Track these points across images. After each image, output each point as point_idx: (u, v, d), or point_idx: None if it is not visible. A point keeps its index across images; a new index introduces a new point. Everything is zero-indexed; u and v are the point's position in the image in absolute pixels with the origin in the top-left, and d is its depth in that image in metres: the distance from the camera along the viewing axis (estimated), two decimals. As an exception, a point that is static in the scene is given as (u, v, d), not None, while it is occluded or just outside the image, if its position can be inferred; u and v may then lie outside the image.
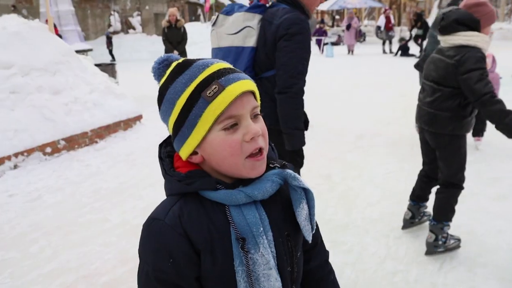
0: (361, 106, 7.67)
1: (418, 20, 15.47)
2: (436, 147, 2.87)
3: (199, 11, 26.15)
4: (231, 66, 0.89)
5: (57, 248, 3.07)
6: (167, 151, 0.94)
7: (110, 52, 18.41)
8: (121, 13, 23.49)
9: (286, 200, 0.92)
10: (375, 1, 28.71)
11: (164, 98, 0.87)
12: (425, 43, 8.69)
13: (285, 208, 0.93)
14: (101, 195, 4.00)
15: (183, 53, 8.77)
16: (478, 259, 2.83)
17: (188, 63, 0.86)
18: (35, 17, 14.41)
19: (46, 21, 6.48)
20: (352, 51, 18.01)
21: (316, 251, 1.10)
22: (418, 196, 3.20)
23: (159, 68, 0.90)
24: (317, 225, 1.09)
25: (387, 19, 17.52)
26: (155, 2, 22.63)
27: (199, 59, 0.88)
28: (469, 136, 4.69)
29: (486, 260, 2.82)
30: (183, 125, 0.84)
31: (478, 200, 3.70)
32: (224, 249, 0.84)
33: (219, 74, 0.84)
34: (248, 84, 0.86)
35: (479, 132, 5.11)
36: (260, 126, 0.87)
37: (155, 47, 18.41)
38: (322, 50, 18.29)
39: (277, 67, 2.17)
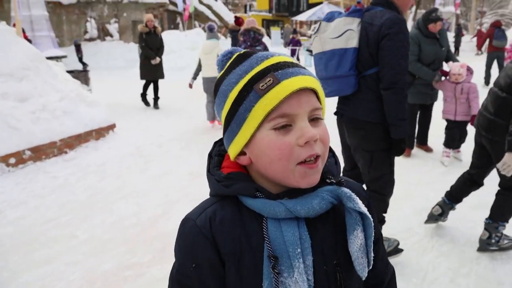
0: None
1: None
2: (492, 153, 2.90)
3: (178, 19, 25.96)
4: (294, 61, 0.79)
5: (16, 269, 2.83)
6: (219, 150, 0.88)
7: (80, 59, 17.93)
8: (97, 19, 23.09)
9: (340, 224, 0.80)
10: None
11: (219, 90, 0.80)
12: None
13: (338, 233, 0.80)
14: (68, 209, 3.77)
15: (161, 60, 8.51)
16: (460, 270, 2.77)
17: (248, 54, 0.79)
18: (6, 21, 13.97)
19: (14, 24, 6.21)
20: None
21: None
22: (455, 197, 3.26)
23: (223, 61, 0.84)
24: (389, 264, 0.96)
25: None
26: (133, 10, 22.35)
27: (261, 52, 0.80)
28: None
29: (468, 270, 2.77)
30: (232, 119, 0.76)
31: (458, 209, 3.63)
32: (254, 265, 0.76)
33: (277, 67, 0.75)
34: (309, 80, 0.75)
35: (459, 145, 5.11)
36: (319, 131, 0.76)
37: (132, 54, 18.11)
38: (298, 60, 18.13)
39: (382, 65, 2.40)
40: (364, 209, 0.76)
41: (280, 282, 0.73)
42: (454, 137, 4.93)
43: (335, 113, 2.80)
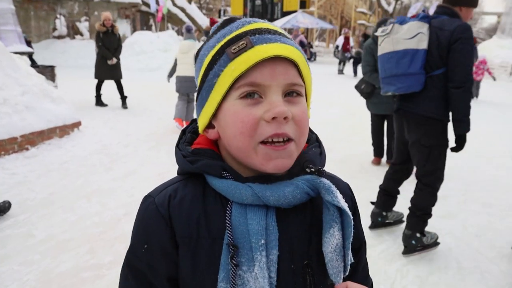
0: (312, 122, 7.64)
1: (366, 39, 15.93)
2: None
3: (151, 21, 25.62)
4: (280, 30, 0.70)
5: (-36, 268, 2.63)
6: (195, 127, 0.79)
7: (30, 57, 16.85)
8: (67, 17, 22.45)
9: (318, 220, 0.70)
10: (326, 22, 29.74)
11: (198, 56, 0.73)
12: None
13: (313, 230, 0.70)
14: (26, 207, 3.55)
15: (119, 60, 8.29)
16: (429, 278, 2.77)
17: (233, 19, 0.70)
18: (-31, 14, 13.34)
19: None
20: None
21: None
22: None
23: (213, 30, 0.75)
24: (367, 275, 0.84)
25: (346, 40, 17.40)
26: (105, 8, 21.85)
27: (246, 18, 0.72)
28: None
29: (437, 279, 2.77)
30: (203, 86, 0.69)
31: (427, 217, 3.67)
32: (211, 253, 0.66)
33: (257, 31, 0.66)
34: (289, 50, 0.65)
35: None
36: (295, 110, 0.66)
37: (103, 54, 17.65)
38: None
39: (454, 65, 2.66)
40: (344, 204, 0.67)
41: (237, 276, 0.64)
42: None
43: (396, 111, 3.01)
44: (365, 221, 3.50)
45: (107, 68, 8.03)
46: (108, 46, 8.04)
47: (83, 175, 4.35)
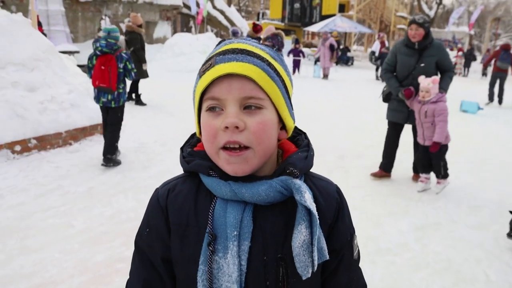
0: (344, 128, 7.62)
1: None
2: None
3: (191, 23, 26.16)
4: (256, 49, 0.77)
5: (11, 253, 2.86)
6: None
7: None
8: (112, 18, 23.30)
9: (294, 218, 0.77)
10: (365, 27, 29.28)
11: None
12: None
13: (289, 227, 0.77)
14: (67, 199, 3.79)
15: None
16: (454, 289, 2.74)
17: (222, 40, 0.83)
18: (24, 15, 14.14)
19: (30, 17, 6.30)
20: (327, 76, 15.59)
21: None
22: None
23: None
24: (360, 280, 0.90)
25: (382, 44, 16.91)
26: (147, 10, 22.55)
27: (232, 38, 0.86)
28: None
29: (462, 291, 2.72)
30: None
31: (457, 228, 3.63)
32: (196, 240, 0.78)
33: (224, 52, 0.77)
34: (246, 67, 0.74)
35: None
36: (250, 121, 0.74)
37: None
38: (299, 70, 16.72)
39: None
40: (310, 204, 0.73)
41: (214, 261, 0.75)
42: (420, 162, 4.42)
43: None
44: (393, 230, 3.50)
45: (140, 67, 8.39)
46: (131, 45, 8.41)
47: (121, 171, 4.58)
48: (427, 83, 4.06)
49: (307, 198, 0.74)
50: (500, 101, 11.60)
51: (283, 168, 0.79)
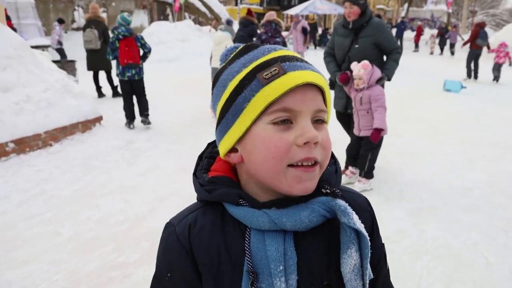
0: (331, 115, 7.56)
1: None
2: None
3: (168, 10, 25.60)
4: (300, 57, 0.72)
5: (-3, 267, 2.71)
6: (211, 152, 0.81)
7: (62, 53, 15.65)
8: (85, 9, 22.62)
9: (336, 240, 0.71)
10: (344, 7, 29.10)
11: (218, 80, 0.73)
12: None
13: (331, 250, 0.71)
14: (52, 204, 3.63)
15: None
16: (455, 275, 2.73)
17: (255, 46, 0.73)
18: (-10, 9, 13.55)
19: (-2, 12, 5.98)
20: None
21: None
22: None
23: (227, 55, 0.78)
24: (390, 285, 0.86)
25: None
26: (122, -1, 21.98)
27: (266, 45, 0.74)
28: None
29: (463, 276, 2.72)
30: (228, 110, 0.69)
31: (452, 211, 3.62)
32: (232, 280, 0.69)
33: (285, 58, 0.68)
34: (318, 77, 0.69)
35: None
36: (322, 135, 0.68)
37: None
38: None
39: None
40: (360, 226, 0.68)
41: None
42: (349, 153, 4.15)
43: None
44: (389, 216, 3.47)
45: (95, 59, 8.16)
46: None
47: (107, 171, 4.42)
48: (358, 69, 3.69)
49: (356, 220, 0.68)
50: (476, 77, 11.99)
51: (316, 186, 0.71)
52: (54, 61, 7.66)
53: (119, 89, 8.36)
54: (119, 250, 2.91)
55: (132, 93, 6.08)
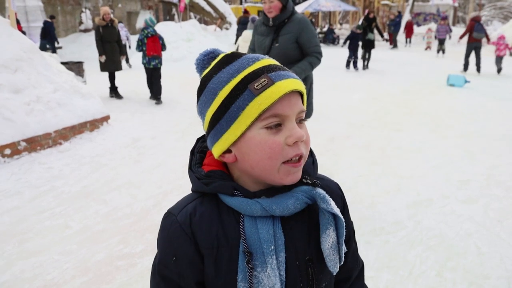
0: (332, 109, 7.66)
1: (369, 21, 14.66)
2: None
3: (174, 10, 25.79)
4: (281, 65, 0.83)
5: (10, 258, 2.87)
6: (201, 146, 0.92)
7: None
8: (92, 10, 22.87)
9: (315, 222, 0.85)
10: (349, 5, 29.09)
11: (205, 88, 0.81)
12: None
13: (311, 231, 0.85)
14: (62, 200, 3.79)
15: (123, 54, 8.86)
16: (447, 263, 2.82)
17: (237, 55, 0.82)
18: (1, 13, 13.83)
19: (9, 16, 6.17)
20: None
21: (349, 286, 1.00)
22: None
23: (204, 60, 0.88)
24: (359, 259, 1.02)
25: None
26: (128, 1, 22.19)
27: (247, 54, 0.84)
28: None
29: (455, 264, 2.81)
30: (222, 117, 0.78)
31: (448, 203, 3.71)
32: (230, 260, 0.80)
33: (270, 68, 0.79)
34: (298, 84, 0.80)
35: None
36: (304, 132, 0.80)
37: (128, 46, 17.97)
38: None
39: None
40: (336, 210, 0.81)
41: (253, 276, 0.78)
42: None
43: None
44: (386, 208, 3.57)
45: (108, 60, 8.45)
46: (109, 39, 8.39)
47: (114, 168, 4.58)
48: None
49: (333, 206, 0.81)
50: (478, 69, 12.25)
51: None
52: (63, 63, 7.85)
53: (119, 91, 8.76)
54: (125, 242, 3.06)
55: (152, 78, 8.15)
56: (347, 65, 13.47)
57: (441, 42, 17.32)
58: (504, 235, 3.18)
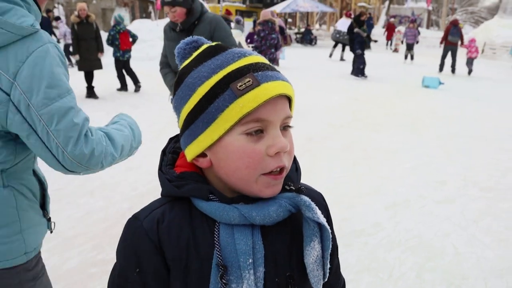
0: (311, 109, 7.67)
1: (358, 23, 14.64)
2: None
3: (150, 8, 25.44)
4: (269, 64, 0.73)
5: (-25, 266, 2.72)
6: (174, 147, 0.82)
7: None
8: (65, 6, 22.33)
9: (298, 233, 0.75)
10: (326, 6, 29.39)
11: (183, 82, 0.72)
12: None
13: (294, 242, 0.75)
14: (32, 204, 3.63)
15: (101, 51, 8.45)
16: (426, 264, 2.84)
17: (222, 48, 0.72)
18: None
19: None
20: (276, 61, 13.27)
21: None
22: None
23: (185, 49, 0.78)
24: (341, 277, 0.92)
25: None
26: (103, -3, 21.74)
27: (235, 48, 0.73)
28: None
29: (434, 265, 2.83)
30: (198, 117, 0.69)
31: (426, 204, 3.74)
32: (201, 273, 0.70)
33: (257, 67, 0.69)
34: (287, 87, 0.71)
35: None
36: (289, 141, 0.72)
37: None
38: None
39: None
40: (322, 219, 0.72)
41: None
42: None
43: None
44: (365, 210, 3.57)
45: (85, 58, 8.16)
46: (86, 37, 8.08)
47: (87, 170, 4.42)
48: None
49: (320, 215, 0.72)
50: (453, 71, 12.90)
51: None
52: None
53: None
54: (99, 247, 2.94)
55: (124, 68, 8.91)
56: (362, 73, 11.64)
57: (409, 47, 15.77)
58: (480, 235, 3.23)
